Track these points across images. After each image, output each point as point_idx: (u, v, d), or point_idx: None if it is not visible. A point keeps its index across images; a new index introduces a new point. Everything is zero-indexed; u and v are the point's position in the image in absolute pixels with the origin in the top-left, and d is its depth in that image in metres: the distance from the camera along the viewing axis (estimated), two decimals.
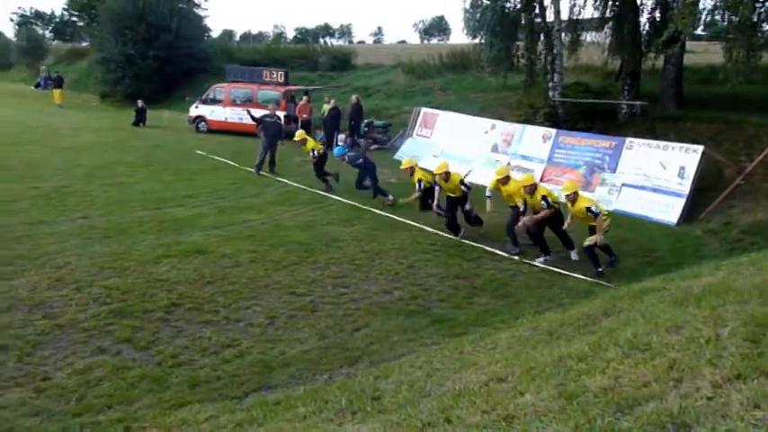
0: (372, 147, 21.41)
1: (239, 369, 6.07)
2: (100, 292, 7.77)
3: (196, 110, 25.09)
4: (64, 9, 57.14)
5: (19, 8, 76.46)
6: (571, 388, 3.27)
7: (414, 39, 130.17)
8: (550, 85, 19.72)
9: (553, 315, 6.65)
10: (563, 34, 20.12)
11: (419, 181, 11.61)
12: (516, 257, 10.12)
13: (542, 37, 20.05)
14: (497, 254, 10.19)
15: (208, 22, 48.92)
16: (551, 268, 9.61)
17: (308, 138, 14.89)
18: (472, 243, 10.61)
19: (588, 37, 21.21)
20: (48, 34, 68.64)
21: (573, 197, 9.72)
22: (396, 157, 19.67)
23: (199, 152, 19.31)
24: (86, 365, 5.96)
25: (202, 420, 4.87)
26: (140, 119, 25.66)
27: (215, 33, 57.50)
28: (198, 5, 39.47)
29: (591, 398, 3.07)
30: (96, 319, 7.01)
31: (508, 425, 3.02)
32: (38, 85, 41.67)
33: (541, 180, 15.61)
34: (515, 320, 6.83)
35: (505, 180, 10.43)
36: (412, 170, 11.84)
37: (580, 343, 4.26)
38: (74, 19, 58.13)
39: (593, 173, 14.83)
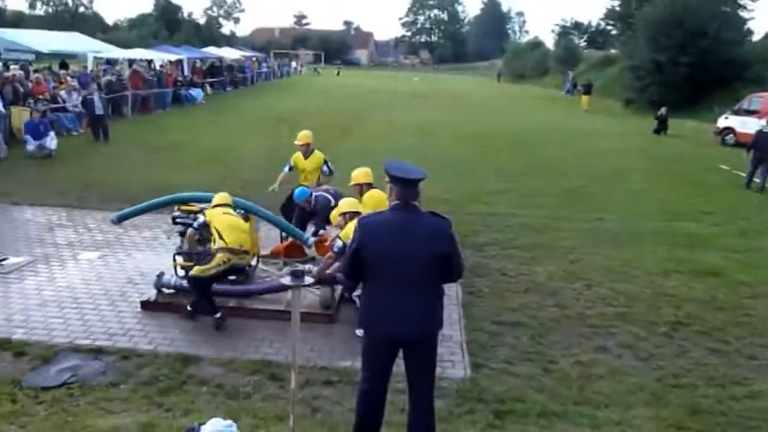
0: None
1: (748, 411, 5.43)
2: (607, 293, 8.00)
3: (725, 121, 23.37)
4: (600, 19, 60.43)
5: (561, 20, 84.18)
6: None
7: None
8: None
9: None
10: None
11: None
12: None
13: None
14: None
15: (752, 25, 44.70)
16: None
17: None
18: None
19: None
20: (582, 43, 73.77)
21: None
22: None
23: (722, 166, 18.01)
24: (589, 360, 6.21)
25: None
26: (662, 127, 25.31)
27: (757, 36, 52.07)
28: (743, 6, 36.50)
29: None
30: (602, 318, 7.25)
31: None
32: (567, 91, 45.36)
33: None
34: None
35: None
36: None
37: None
38: (608, 28, 60.89)
39: None
